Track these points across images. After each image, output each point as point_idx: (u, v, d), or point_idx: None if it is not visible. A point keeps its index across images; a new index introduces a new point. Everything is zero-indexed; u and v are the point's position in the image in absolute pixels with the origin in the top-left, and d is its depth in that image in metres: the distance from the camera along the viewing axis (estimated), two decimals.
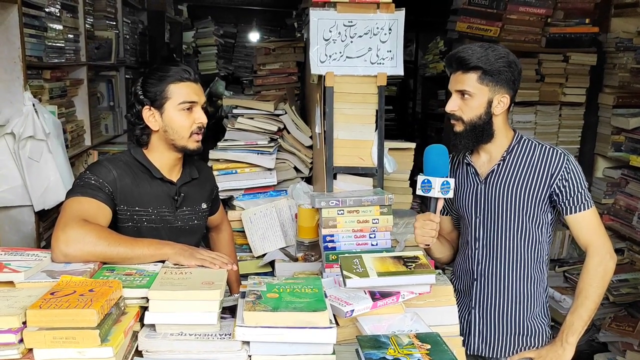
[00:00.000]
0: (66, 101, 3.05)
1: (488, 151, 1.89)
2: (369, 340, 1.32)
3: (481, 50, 1.78)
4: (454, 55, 1.82)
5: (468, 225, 1.95)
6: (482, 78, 1.78)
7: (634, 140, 3.49)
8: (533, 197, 1.83)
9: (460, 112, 1.82)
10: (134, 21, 4.65)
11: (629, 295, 3.39)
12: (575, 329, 1.80)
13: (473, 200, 1.92)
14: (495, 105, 1.80)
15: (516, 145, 1.87)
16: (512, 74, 1.79)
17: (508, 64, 1.78)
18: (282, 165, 2.77)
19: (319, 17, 2.00)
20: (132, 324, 1.30)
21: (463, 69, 1.79)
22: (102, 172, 1.72)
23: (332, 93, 2.01)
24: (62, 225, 1.54)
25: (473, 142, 1.85)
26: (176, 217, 1.85)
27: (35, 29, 2.60)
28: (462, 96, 1.81)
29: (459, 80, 1.81)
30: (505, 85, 1.79)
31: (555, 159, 1.82)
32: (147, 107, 1.76)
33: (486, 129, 1.83)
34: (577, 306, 1.81)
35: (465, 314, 1.96)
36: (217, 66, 6.74)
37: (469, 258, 1.95)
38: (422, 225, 1.78)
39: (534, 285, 1.90)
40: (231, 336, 1.29)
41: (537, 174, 1.83)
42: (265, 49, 3.67)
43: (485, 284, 1.91)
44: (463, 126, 1.82)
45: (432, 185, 1.73)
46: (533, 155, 1.85)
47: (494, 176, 1.88)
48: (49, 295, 1.23)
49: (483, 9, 3.71)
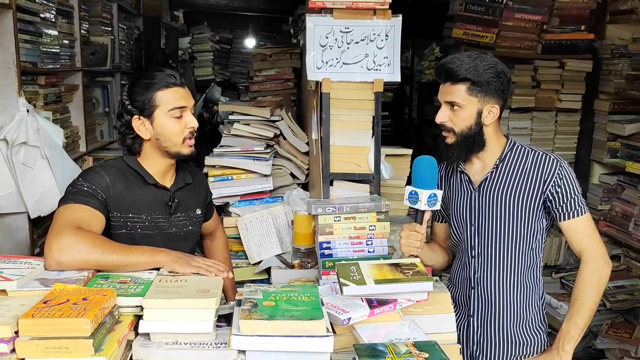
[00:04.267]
0: (61, 107, 3.03)
1: (481, 159, 1.88)
2: (366, 348, 1.30)
3: (469, 61, 1.75)
4: (443, 66, 1.80)
5: (464, 233, 1.94)
6: (471, 89, 1.76)
7: (630, 147, 3.50)
8: (527, 204, 1.82)
9: (450, 124, 1.81)
10: (130, 27, 4.64)
11: (626, 301, 3.39)
12: (571, 337, 1.79)
13: (468, 208, 1.91)
14: (485, 116, 1.79)
15: (509, 152, 1.86)
16: (501, 83, 1.77)
17: (497, 74, 1.76)
18: (278, 171, 2.75)
19: (315, 23, 2.00)
20: (126, 333, 1.28)
21: (452, 80, 1.77)
22: (95, 178, 1.70)
23: (328, 99, 2.01)
24: (55, 232, 1.52)
25: (465, 152, 1.84)
26: (170, 223, 1.83)
27: (30, 35, 2.58)
28: (452, 107, 1.79)
29: (448, 91, 1.79)
30: (495, 96, 1.77)
31: (548, 165, 1.81)
32: (137, 117, 1.74)
33: (477, 139, 1.82)
34: (572, 313, 1.80)
35: (463, 322, 1.95)
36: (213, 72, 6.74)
37: (466, 266, 1.94)
38: (407, 235, 1.76)
39: (529, 292, 1.89)
40: (227, 345, 1.28)
41: (530, 180, 1.82)
42: (262, 55, 3.67)
43: (483, 292, 1.90)
44: (454, 138, 1.81)
45: (419, 197, 1.71)
46: (526, 162, 1.84)
47: (488, 184, 1.87)
48: (41, 304, 1.22)
49: (479, 15, 3.73)
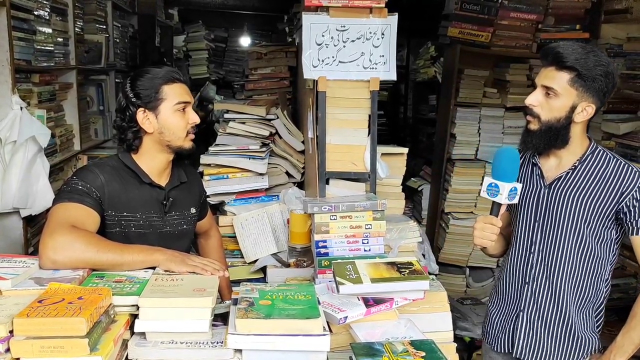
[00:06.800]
0: (55, 105, 3.01)
1: (559, 156, 1.81)
2: (363, 347, 1.30)
3: (582, 52, 1.68)
4: (553, 48, 1.72)
5: (525, 226, 1.87)
6: (574, 80, 1.68)
7: (625, 146, 3.50)
8: (599, 211, 1.75)
9: (539, 109, 1.74)
10: (124, 25, 4.62)
11: (620, 300, 3.40)
12: (625, 351, 1.75)
13: (534, 203, 1.85)
14: (578, 112, 1.71)
15: (590, 155, 1.79)
16: (606, 84, 1.69)
17: (606, 73, 1.68)
18: (274, 170, 2.75)
19: (311, 21, 1.99)
20: (122, 332, 1.28)
21: (557, 65, 1.69)
22: (89, 177, 1.69)
23: (324, 98, 2.01)
24: (50, 231, 1.52)
25: (545, 144, 1.77)
26: (165, 222, 1.83)
27: (24, 32, 2.56)
28: (547, 93, 1.72)
29: (549, 75, 1.71)
30: (595, 95, 1.70)
31: (630, 176, 1.73)
32: (142, 110, 1.74)
33: (562, 134, 1.74)
34: (629, 329, 1.75)
35: (512, 316, 1.91)
36: (208, 70, 6.71)
37: (523, 260, 1.88)
38: (482, 227, 1.73)
39: (586, 301, 1.83)
40: (223, 344, 1.28)
41: (608, 188, 1.75)
42: (257, 53, 3.67)
43: (537, 288, 1.85)
44: (539, 125, 1.75)
45: (499, 190, 1.66)
46: (607, 169, 1.76)
47: (562, 183, 1.80)
48: (36, 303, 1.21)
49: (475, 14, 3.73)
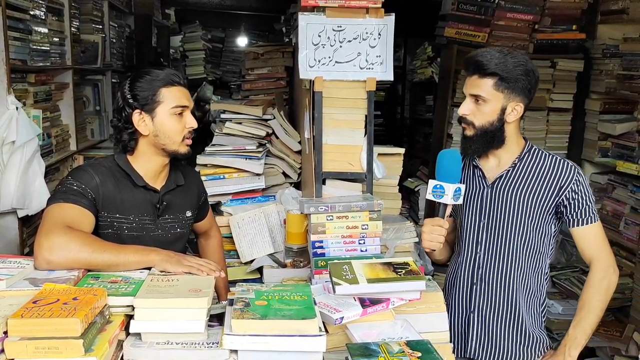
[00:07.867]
0: (51, 105, 3.01)
1: (498, 156, 1.88)
2: (359, 348, 1.30)
3: (500, 56, 1.75)
4: (472, 58, 1.80)
5: (471, 227, 1.93)
6: (498, 84, 1.76)
7: (621, 146, 3.51)
8: (540, 206, 1.83)
9: (472, 117, 1.80)
10: (121, 25, 4.61)
11: (616, 300, 3.39)
12: (578, 342, 1.80)
13: (478, 203, 1.90)
14: (508, 113, 1.79)
15: (527, 153, 1.87)
16: (529, 82, 1.77)
17: (526, 72, 1.76)
18: (270, 170, 2.75)
19: (307, 21, 1.99)
20: (117, 333, 1.28)
21: (480, 73, 1.77)
22: (84, 177, 1.69)
23: (321, 98, 2.00)
24: (45, 232, 1.51)
25: (483, 147, 1.84)
26: (157, 225, 1.82)
27: (20, 32, 2.56)
28: (476, 101, 1.79)
29: (475, 84, 1.79)
30: (521, 94, 1.77)
31: (566, 171, 1.81)
32: (138, 111, 1.72)
33: (497, 135, 1.81)
34: (580, 319, 1.81)
35: (464, 318, 1.94)
36: (205, 71, 6.71)
37: (470, 262, 1.93)
38: (430, 230, 1.76)
39: (529, 295, 1.89)
40: (219, 345, 1.28)
41: (546, 183, 1.82)
42: (254, 53, 3.67)
43: (485, 288, 1.90)
44: (474, 131, 1.81)
45: (444, 191, 1.70)
46: (543, 165, 1.84)
47: (502, 182, 1.86)
48: (31, 303, 1.20)
49: (471, 14, 3.74)
